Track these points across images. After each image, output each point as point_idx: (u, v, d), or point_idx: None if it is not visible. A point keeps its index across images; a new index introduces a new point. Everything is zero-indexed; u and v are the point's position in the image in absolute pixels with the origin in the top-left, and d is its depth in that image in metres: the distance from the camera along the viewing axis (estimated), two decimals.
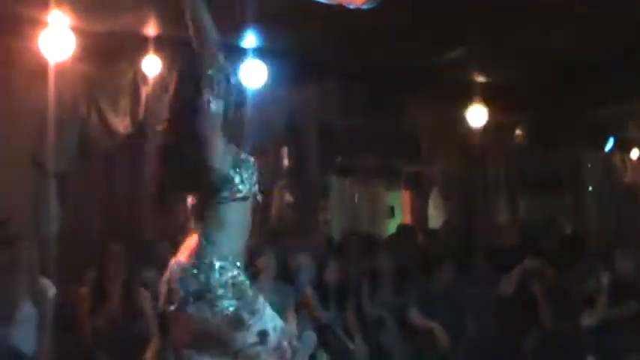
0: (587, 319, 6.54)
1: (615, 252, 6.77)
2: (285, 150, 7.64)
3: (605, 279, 6.61)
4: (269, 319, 3.23)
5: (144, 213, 7.17)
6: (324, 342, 6.32)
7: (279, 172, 7.64)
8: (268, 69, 7.21)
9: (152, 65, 6.85)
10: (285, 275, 6.49)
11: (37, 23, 6.14)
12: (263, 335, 3.17)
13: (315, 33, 6.53)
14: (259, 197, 3.31)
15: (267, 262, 6.27)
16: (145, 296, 5.57)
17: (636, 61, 7.56)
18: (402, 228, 9.06)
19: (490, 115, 8.95)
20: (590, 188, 12.01)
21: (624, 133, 11.78)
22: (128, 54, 6.83)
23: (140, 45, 6.75)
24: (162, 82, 6.99)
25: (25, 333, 5.06)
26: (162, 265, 6.30)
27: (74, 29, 6.19)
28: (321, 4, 3.45)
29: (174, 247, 6.34)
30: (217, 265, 3.11)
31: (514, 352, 6.67)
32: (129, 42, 6.74)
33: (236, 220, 3.20)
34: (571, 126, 10.28)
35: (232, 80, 3.25)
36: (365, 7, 3.44)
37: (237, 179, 3.20)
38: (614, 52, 7.26)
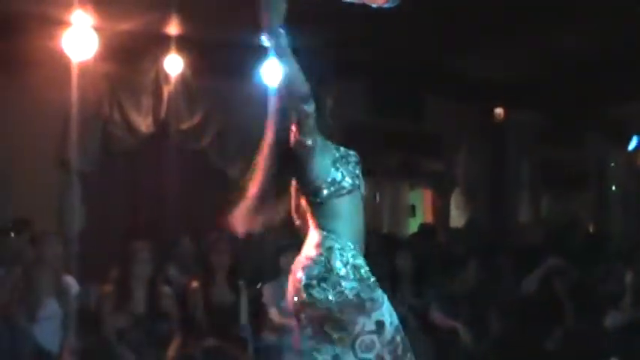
0: (611, 320, 6.50)
1: (638, 252, 6.72)
2: None
3: (629, 279, 6.57)
4: (386, 312, 3.28)
5: (167, 211, 7.21)
6: None
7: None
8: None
9: (174, 64, 6.88)
10: None
11: (60, 23, 6.18)
12: (380, 325, 3.24)
13: (338, 31, 6.53)
14: (362, 189, 3.38)
15: (289, 259, 6.28)
16: (168, 294, 5.59)
17: None
18: (423, 227, 9.04)
19: (512, 115, 8.92)
20: (614, 188, 11.93)
21: None
22: (150, 53, 6.87)
23: (162, 44, 6.78)
24: (184, 82, 7.02)
25: (49, 330, 5.10)
26: (185, 262, 6.41)
27: (97, 29, 6.23)
28: (344, 2, 3.43)
29: (197, 244, 6.44)
30: (337, 247, 3.23)
31: (537, 351, 6.64)
32: (151, 41, 6.77)
33: (347, 211, 3.30)
34: (595, 125, 10.23)
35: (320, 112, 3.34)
36: (387, 5, 3.42)
37: (338, 176, 3.29)
38: (636, 47, 7.20)
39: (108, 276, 5.65)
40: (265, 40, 3.19)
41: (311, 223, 3.39)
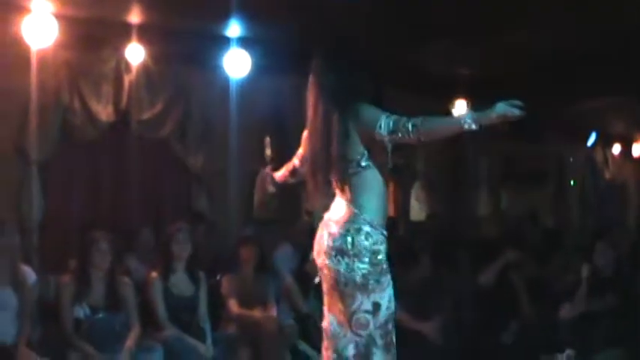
0: (566, 312, 6.59)
1: (595, 245, 6.82)
2: (268, 140, 7.63)
3: (585, 272, 6.67)
4: (386, 297, 3.52)
5: (127, 201, 7.17)
6: (304, 332, 6.36)
7: (263, 162, 7.64)
8: (253, 58, 7.21)
9: (135, 53, 6.83)
10: (268, 265, 6.51)
11: (19, 9, 6.09)
12: (376, 307, 3.48)
13: (301, 22, 6.53)
14: (390, 164, 3.60)
15: (249, 250, 6.29)
16: (127, 285, 5.57)
17: (618, 58, 7.62)
18: None
19: (473, 109, 8.99)
20: (572, 182, 12.11)
21: (606, 129, 11.88)
22: (111, 41, 6.80)
23: (123, 32, 6.72)
24: (145, 70, 6.97)
25: (4, 321, 5.04)
26: (145, 253, 6.38)
27: (57, 16, 6.15)
28: None
29: (158, 235, 6.42)
30: (365, 230, 3.45)
31: (493, 342, 6.72)
32: (112, 29, 6.71)
33: (377, 183, 3.54)
34: (554, 121, 10.35)
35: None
36: None
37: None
38: (597, 48, 7.31)
39: (67, 266, 5.61)
40: None
41: (341, 196, 3.56)
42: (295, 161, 3.94)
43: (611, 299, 6.51)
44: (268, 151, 4.14)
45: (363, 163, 3.50)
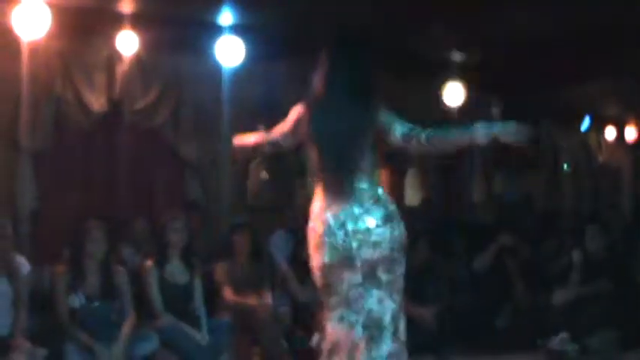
0: (559, 296, 6.63)
1: (587, 230, 6.85)
2: (262, 127, 7.63)
3: (577, 256, 6.70)
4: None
5: (120, 190, 7.17)
6: (300, 319, 6.38)
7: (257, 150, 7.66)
8: (245, 46, 7.19)
9: (128, 42, 6.81)
10: (262, 252, 6.53)
11: None
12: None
13: (294, 10, 6.52)
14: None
15: (243, 238, 6.31)
16: (122, 273, 5.58)
17: (612, 40, 7.61)
18: None
19: (466, 93, 8.98)
20: (566, 167, 12.12)
21: (600, 112, 11.88)
22: (103, 30, 6.78)
23: (116, 21, 6.70)
24: (138, 59, 6.96)
25: None
26: (140, 241, 6.39)
27: (49, 5, 6.13)
28: None
29: (152, 223, 6.43)
30: (359, 212, 3.61)
31: (488, 326, 6.76)
32: (104, 18, 6.68)
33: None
34: (547, 104, 10.35)
35: None
36: None
37: None
38: (590, 31, 7.29)
39: (61, 256, 5.61)
40: None
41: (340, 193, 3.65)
42: (277, 134, 3.96)
43: (604, 283, 6.55)
44: None
45: (373, 162, 3.67)
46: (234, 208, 7.55)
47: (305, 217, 3.89)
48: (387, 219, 3.64)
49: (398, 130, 3.51)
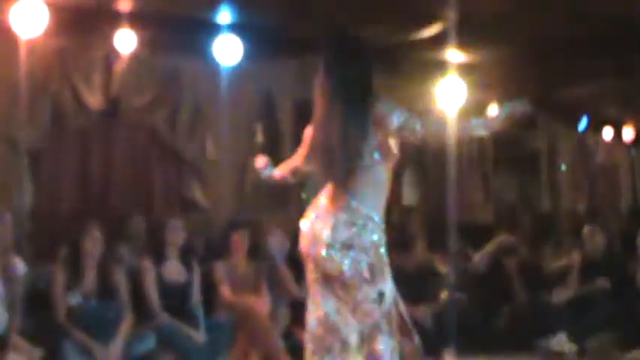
0: (559, 296, 6.63)
1: (585, 230, 6.85)
2: (259, 126, 7.63)
3: (576, 257, 6.71)
4: (388, 285, 3.59)
5: (118, 188, 7.16)
6: (298, 318, 6.36)
7: (254, 148, 7.65)
8: (243, 45, 7.18)
9: (126, 40, 6.79)
10: (260, 251, 6.51)
11: None
12: (381, 296, 3.54)
13: (292, 8, 6.51)
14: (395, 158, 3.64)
15: (241, 237, 6.29)
16: (119, 272, 5.56)
17: (609, 40, 7.61)
18: None
19: (464, 93, 8.97)
20: (563, 167, 12.12)
21: (598, 113, 11.88)
22: (101, 29, 6.76)
23: (114, 20, 6.68)
24: (135, 58, 6.94)
25: None
26: (137, 240, 6.37)
27: (47, 3, 6.11)
28: None
29: (149, 222, 6.42)
30: (370, 226, 3.50)
31: (486, 327, 6.75)
32: (102, 17, 6.67)
33: (384, 179, 3.60)
34: (545, 105, 10.35)
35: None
36: None
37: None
38: (587, 30, 7.29)
39: (58, 254, 5.60)
40: None
41: (340, 188, 3.55)
42: (297, 160, 3.93)
43: (602, 283, 6.55)
44: (259, 137, 4.14)
45: (376, 158, 3.54)
46: (232, 207, 7.54)
47: (303, 217, 3.87)
48: (346, 245, 3.49)
49: (395, 118, 3.45)
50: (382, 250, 3.56)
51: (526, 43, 7.82)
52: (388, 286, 3.58)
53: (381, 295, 3.54)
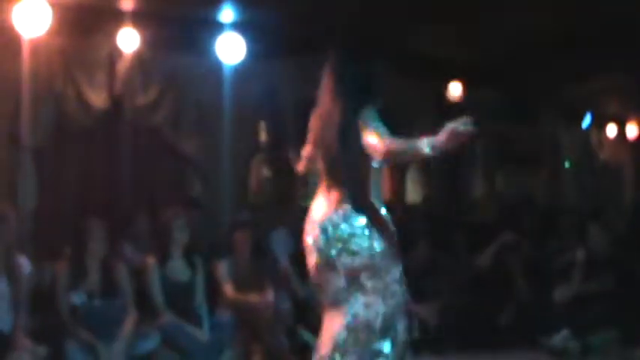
0: (562, 294, 6.63)
1: (589, 228, 6.85)
2: (262, 124, 7.64)
3: (580, 254, 6.70)
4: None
5: (121, 187, 7.16)
6: (301, 316, 6.37)
7: (257, 147, 7.66)
8: (246, 43, 7.19)
9: (129, 39, 6.80)
10: (263, 249, 6.52)
11: None
12: (402, 275, 3.70)
13: (295, 8, 6.51)
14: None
15: (244, 235, 6.30)
16: (123, 271, 5.57)
17: (613, 38, 7.61)
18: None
19: (467, 91, 8.98)
20: (567, 164, 12.10)
21: (601, 110, 11.87)
22: (104, 28, 6.77)
23: (117, 19, 6.69)
24: (139, 57, 6.95)
25: (0, 309, 5.04)
26: (141, 239, 6.38)
27: (50, 3, 6.12)
28: None
29: (153, 221, 6.43)
30: (339, 219, 3.58)
31: (489, 324, 6.75)
32: (105, 16, 6.68)
33: (375, 177, 3.64)
34: (549, 102, 10.34)
35: None
36: None
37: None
38: (591, 28, 7.29)
39: (62, 253, 5.61)
40: None
41: (337, 188, 3.61)
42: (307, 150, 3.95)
43: (606, 281, 6.55)
44: (262, 136, 4.14)
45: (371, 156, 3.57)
46: (236, 205, 7.55)
47: (306, 215, 3.88)
48: (366, 227, 3.58)
49: (370, 137, 3.47)
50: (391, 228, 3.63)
51: (530, 37, 7.80)
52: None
53: (402, 274, 3.69)
